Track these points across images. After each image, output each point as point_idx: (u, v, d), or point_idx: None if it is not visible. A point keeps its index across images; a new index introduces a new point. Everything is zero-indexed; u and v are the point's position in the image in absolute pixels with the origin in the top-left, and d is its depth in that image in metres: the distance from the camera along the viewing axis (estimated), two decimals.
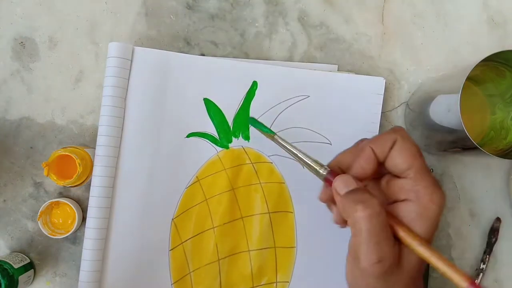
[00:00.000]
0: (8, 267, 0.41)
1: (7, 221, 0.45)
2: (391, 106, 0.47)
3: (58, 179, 0.41)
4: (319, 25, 0.47)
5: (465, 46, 0.47)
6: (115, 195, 0.43)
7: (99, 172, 0.42)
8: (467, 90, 0.42)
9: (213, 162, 0.44)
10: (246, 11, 0.46)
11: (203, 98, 0.44)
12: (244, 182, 0.44)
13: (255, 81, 0.44)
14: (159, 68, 0.44)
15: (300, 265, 0.44)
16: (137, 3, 0.46)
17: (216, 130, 0.44)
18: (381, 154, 0.33)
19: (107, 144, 0.42)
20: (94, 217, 0.42)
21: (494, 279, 0.46)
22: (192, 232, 0.44)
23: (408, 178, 0.32)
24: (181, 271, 0.44)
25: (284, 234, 0.44)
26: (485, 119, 0.43)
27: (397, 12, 0.47)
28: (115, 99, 0.42)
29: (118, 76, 0.42)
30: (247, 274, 0.44)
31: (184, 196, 0.44)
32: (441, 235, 0.46)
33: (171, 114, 0.44)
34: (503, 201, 0.46)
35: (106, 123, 0.42)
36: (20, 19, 0.46)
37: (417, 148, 0.33)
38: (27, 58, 0.46)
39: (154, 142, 0.44)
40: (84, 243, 0.42)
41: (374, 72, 0.46)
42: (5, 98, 0.45)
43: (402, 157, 0.32)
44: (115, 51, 0.42)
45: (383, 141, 0.33)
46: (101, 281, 0.42)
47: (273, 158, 0.45)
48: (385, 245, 0.30)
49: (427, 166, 0.33)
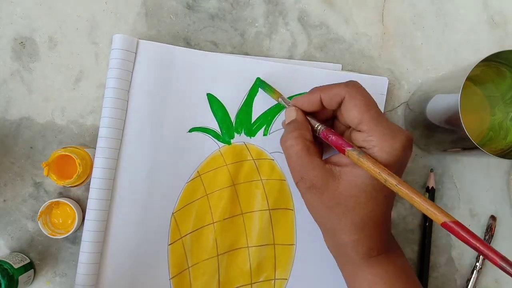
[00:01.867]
0: (8, 267, 0.41)
1: (7, 221, 0.45)
2: (391, 106, 0.47)
3: (58, 179, 0.41)
4: (319, 25, 0.47)
5: (465, 46, 0.47)
6: (115, 187, 0.43)
7: (100, 163, 0.42)
8: (467, 90, 0.42)
9: (214, 157, 0.44)
10: (246, 11, 0.46)
11: (206, 94, 0.44)
12: (245, 178, 0.44)
13: (258, 78, 0.44)
14: (163, 62, 0.44)
15: (299, 263, 0.44)
16: (137, 3, 0.46)
17: (219, 126, 0.45)
18: (328, 104, 0.38)
19: (108, 136, 0.42)
20: (93, 209, 0.42)
21: (494, 279, 0.46)
22: (192, 227, 0.44)
23: (361, 131, 0.36)
24: (180, 266, 0.44)
25: (284, 231, 0.44)
26: (484, 119, 0.43)
27: (397, 12, 0.47)
28: (118, 91, 0.42)
29: (121, 68, 0.42)
30: (246, 270, 0.44)
31: (185, 191, 0.44)
32: (441, 235, 0.46)
33: (174, 109, 0.44)
34: (503, 201, 0.46)
35: (108, 115, 0.42)
36: (20, 19, 0.46)
37: (365, 102, 0.36)
38: (27, 58, 0.46)
39: (156, 136, 0.44)
40: (83, 235, 0.42)
41: (374, 72, 0.46)
42: (5, 98, 0.45)
43: (350, 114, 0.36)
44: (120, 43, 0.42)
45: (332, 95, 0.37)
46: (100, 274, 0.42)
47: (275, 155, 0.45)
48: (306, 168, 0.37)
49: (380, 115, 0.36)
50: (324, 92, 0.38)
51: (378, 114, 0.36)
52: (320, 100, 0.38)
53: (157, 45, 0.44)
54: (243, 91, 0.45)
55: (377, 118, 0.35)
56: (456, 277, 0.46)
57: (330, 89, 0.37)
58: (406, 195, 0.32)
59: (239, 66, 0.44)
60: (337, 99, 0.37)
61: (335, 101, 0.37)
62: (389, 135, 0.35)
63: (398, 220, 0.46)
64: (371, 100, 0.36)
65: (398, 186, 0.33)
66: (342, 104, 0.37)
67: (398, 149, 0.35)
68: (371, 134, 0.35)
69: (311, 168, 0.37)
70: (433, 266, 0.46)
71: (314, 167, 0.37)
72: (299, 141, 0.37)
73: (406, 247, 0.46)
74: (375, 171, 0.34)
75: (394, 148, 0.35)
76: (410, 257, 0.46)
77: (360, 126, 0.36)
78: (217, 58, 0.44)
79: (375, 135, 0.35)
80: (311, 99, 0.38)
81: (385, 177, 0.33)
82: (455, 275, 0.46)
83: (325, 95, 0.37)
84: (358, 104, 0.36)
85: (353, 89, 0.37)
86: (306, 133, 0.38)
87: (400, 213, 0.46)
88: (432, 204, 0.32)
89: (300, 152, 0.37)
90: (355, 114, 0.36)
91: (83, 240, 0.42)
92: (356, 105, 0.36)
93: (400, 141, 0.35)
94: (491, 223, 0.46)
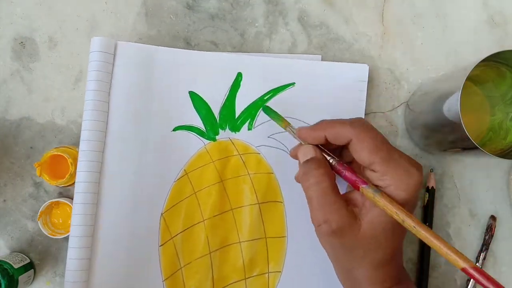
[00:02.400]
0: (8, 267, 0.41)
1: (7, 221, 0.45)
2: (391, 106, 0.47)
3: (51, 179, 0.40)
4: (319, 25, 0.47)
5: (465, 46, 0.47)
6: (101, 191, 0.42)
7: (84, 167, 0.41)
8: (467, 90, 0.42)
9: (200, 155, 0.44)
10: (246, 11, 0.46)
11: (188, 91, 0.44)
12: (233, 173, 0.44)
13: (239, 73, 0.44)
14: (143, 62, 0.44)
15: (292, 254, 0.44)
16: (137, 3, 0.46)
17: (203, 123, 0.44)
18: (334, 142, 0.36)
19: (91, 139, 0.42)
20: (79, 214, 0.41)
21: None
22: (182, 227, 0.44)
23: (375, 171, 0.34)
24: (172, 266, 0.43)
25: (275, 224, 0.44)
26: (484, 119, 0.43)
27: (397, 12, 0.47)
28: (99, 93, 0.42)
29: (101, 70, 0.42)
30: (239, 266, 0.44)
31: (173, 190, 0.44)
32: (441, 235, 0.46)
33: (157, 108, 0.44)
34: (503, 201, 0.46)
35: (89, 117, 0.42)
36: (20, 19, 0.46)
37: (374, 143, 0.34)
38: (27, 58, 0.46)
39: (140, 137, 0.43)
40: (69, 241, 0.41)
41: (374, 72, 0.46)
42: (5, 98, 0.45)
43: (361, 155, 0.35)
44: (98, 46, 0.42)
45: (337, 135, 0.35)
46: (89, 280, 0.42)
47: (261, 149, 0.45)
48: (330, 208, 0.34)
49: (392, 154, 0.34)
50: (329, 131, 0.36)
51: (389, 154, 0.34)
52: (325, 138, 0.36)
53: (135, 45, 0.44)
54: (225, 87, 0.44)
55: (389, 158, 0.34)
56: (456, 277, 0.46)
57: (335, 129, 0.36)
58: (425, 238, 0.32)
59: (220, 62, 0.44)
60: (343, 140, 0.35)
61: (341, 142, 0.36)
62: (404, 175, 0.34)
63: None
64: (381, 139, 0.35)
65: (416, 228, 0.32)
66: (350, 145, 0.35)
67: (414, 186, 0.34)
68: (385, 176, 0.34)
69: (337, 209, 0.35)
70: (433, 266, 0.46)
71: (340, 208, 0.35)
72: (326, 179, 0.35)
73: (406, 247, 0.46)
74: (392, 211, 0.33)
75: (410, 186, 0.34)
76: (410, 257, 0.46)
77: (373, 167, 0.34)
78: (197, 55, 0.44)
79: (389, 175, 0.34)
80: (315, 137, 0.37)
81: (403, 218, 0.32)
82: (455, 275, 0.46)
83: (330, 135, 0.36)
84: (366, 146, 0.34)
85: (360, 130, 0.35)
86: (330, 171, 0.36)
87: None
88: (452, 249, 0.31)
89: (327, 190, 0.35)
90: (366, 155, 0.34)
91: (70, 246, 0.41)
92: (365, 148, 0.34)
93: (416, 179, 0.34)
94: (491, 223, 0.46)
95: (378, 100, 0.46)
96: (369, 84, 0.46)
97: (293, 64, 0.45)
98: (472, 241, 0.46)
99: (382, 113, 0.46)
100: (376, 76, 0.47)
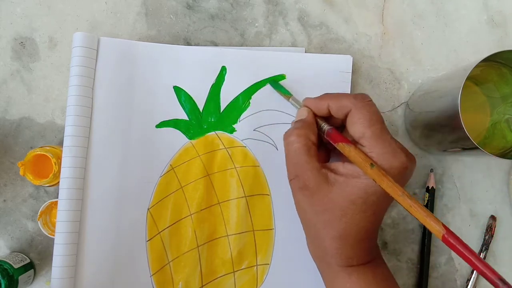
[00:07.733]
0: (8, 267, 0.41)
1: (7, 221, 0.45)
2: (391, 106, 0.47)
3: (34, 179, 0.40)
4: (319, 25, 0.47)
5: (465, 46, 0.47)
6: (86, 187, 0.42)
7: (68, 162, 0.41)
8: (467, 90, 0.42)
9: (186, 149, 0.44)
10: (246, 11, 0.46)
11: (173, 86, 0.44)
12: (219, 167, 0.44)
13: (223, 66, 0.44)
14: (126, 58, 0.44)
15: (280, 247, 0.44)
16: (137, 3, 0.46)
17: (188, 117, 0.44)
18: (336, 114, 0.38)
19: (75, 134, 0.42)
20: (64, 210, 0.41)
21: None
22: (169, 221, 0.44)
23: (363, 145, 0.36)
24: (160, 261, 0.43)
25: (262, 216, 0.44)
26: (484, 120, 0.43)
27: (397, 12, 0.47)
28: (82, 89, 0.42)
29: (83, 65, 0.42)
30: (227, 259, 0.44)
31: (159, 185, 0.44)
32: None
33: (141, 103, 0.44)
34: (503, 201, 0.46)
35: (73, 113, 0.42)
36: (20, 19, 0.46)
37: (370, 116, 0.36)
38: (27, 58, 0.46)
39: (125, 132, 0.43)
40: (55, 238, 0.41)
41: (374, 72, 0.46)
42: (5, 98, 0.45)
43: (354, 127, 0.36)
44: (80, 41, 0.42)
45: (339, 105, 0.37)
46: (76, 276, 0.42)
47: (246, 142, 0.45)
48: (302, 167, 0.37)
49: (383, 132, 0.35)
50: (333, 101, 0.38)
51: (381, 131, 0.35)
52: (328, 107, 0.38)
53: (118, 41, 0.44)
54: (209, 81, 0.45)
55: (379, 134, 0.35)
56: (456, 277, 0.46)
57: (338, 99, 0.37)
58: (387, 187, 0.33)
59: (203, 56, 0.44)
60: (344, 110, 0.37)
61: (342, 112, 0.37)
62: (389, 154, 0.34)
63: (398, 219, 0.46)
64: (377, 116, 0.36)
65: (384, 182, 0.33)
66: (348, 116, 0.37)
67: (397, 169, 0.34)
68: (371, 150, 0.35)
69: (307, 168, 0.36)
70: (433, 266, 0.46)
71: (310, 168, 0.36)
72: (301, 139, 0.37)
73: (406, 247, 0.46)
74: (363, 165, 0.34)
75: (392, 168, 0.34)
76: (410, 257, 0.46)
77: (362, 141, 0.36)
78: (181, 50, 0.44)
79: (375, 151, 0.35)
80: (319, 105, 0.38)
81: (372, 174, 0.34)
82: (455, 275, 0.46)
83: (333, 104, 0.37)
84: (362, 118, 0.36)
85: (359, 102, 0.36)
86: (311, 134, 0.38)
87: (400, 212, 0.46)
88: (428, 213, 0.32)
89: (299, 150, 0.37)
90: (358, 127, 0.36)
91: (55, 242, 0.41)
92: (360, 119, 0.36)
93: (400, 161, 0.34)
94: (491, 223, 0.46)
95: (378, 100, 0.46)
96: (369, 84, 0.46)
97: (278, 57, 0.45)
98: (472, 241, 0.46)
99: (382, 113, 0.46)
100: (376, 76, 0.47)
